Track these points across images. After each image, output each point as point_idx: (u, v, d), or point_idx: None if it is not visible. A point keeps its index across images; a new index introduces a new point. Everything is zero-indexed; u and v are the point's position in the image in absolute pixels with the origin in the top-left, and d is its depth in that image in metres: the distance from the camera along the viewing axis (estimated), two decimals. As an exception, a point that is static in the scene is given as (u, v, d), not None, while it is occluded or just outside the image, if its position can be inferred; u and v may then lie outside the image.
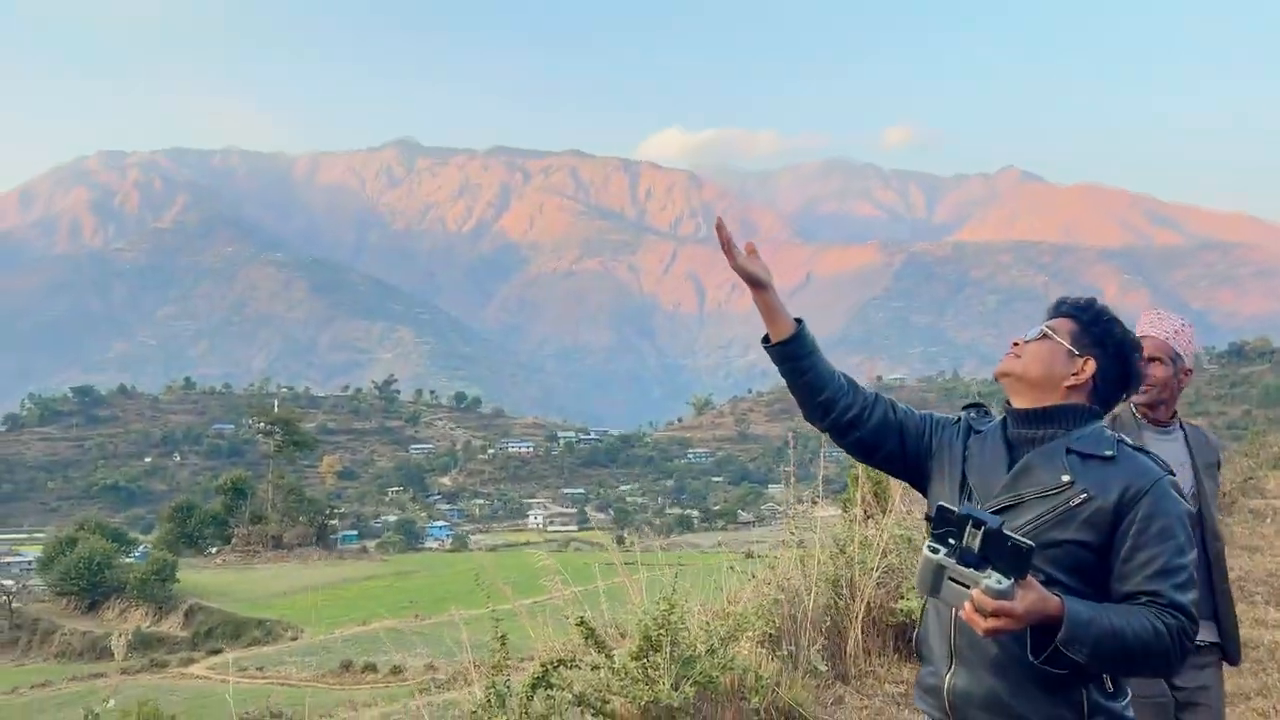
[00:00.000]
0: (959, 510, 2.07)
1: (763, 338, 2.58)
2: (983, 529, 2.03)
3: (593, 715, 4.70)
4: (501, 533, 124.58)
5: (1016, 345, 2.49)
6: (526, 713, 4.45)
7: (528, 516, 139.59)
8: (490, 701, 4.39)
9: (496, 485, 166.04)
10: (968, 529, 2.04)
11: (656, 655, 4.74)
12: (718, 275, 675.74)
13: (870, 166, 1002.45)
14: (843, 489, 11.23)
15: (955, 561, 2.06)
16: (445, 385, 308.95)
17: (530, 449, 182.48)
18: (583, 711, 4.68)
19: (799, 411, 2.65)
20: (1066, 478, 2.27)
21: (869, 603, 6.43)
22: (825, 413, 2.55)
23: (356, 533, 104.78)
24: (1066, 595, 2.12)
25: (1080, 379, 2.40)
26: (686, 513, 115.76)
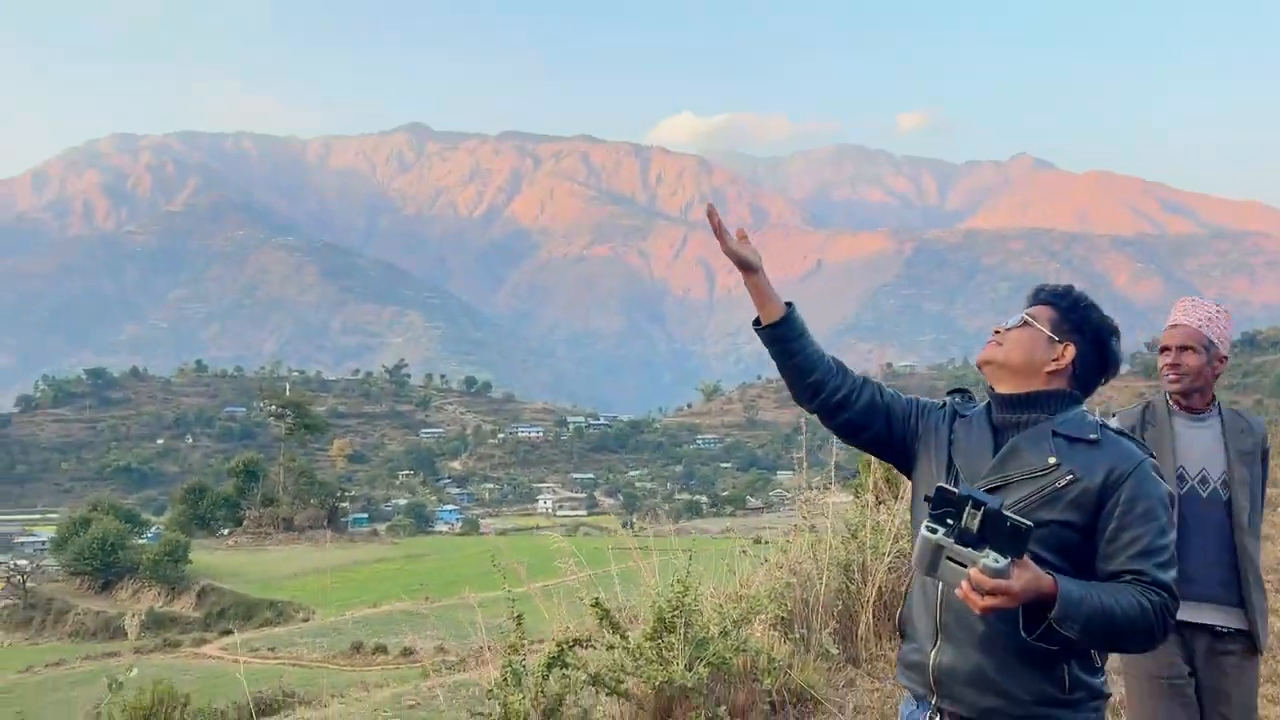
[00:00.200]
0: (959, 491, 2.12)
1: (754, 320, 2.65)
2: (983, 510, 2.08)
3: (607, 694, 4.76)
4: (511, 517, 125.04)
5: (998, 333, 2.57)
6: (542, 692, 4.51)
7: (537, 501, 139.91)
8: (506, 680, 4.45)
9: (506, 470, 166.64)
10: (967, 510, 2.09)
11: (671, 636, 4.80)
12: (728, 261, 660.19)
13: (882, 153, 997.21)
14: (854, 475, 11.29)
15: (954, 541, 2.11)
16: (456, 370, 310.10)
17: (540, 434, 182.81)
18: (597, 691, 4.74)
19: None
20: (1053, 460, 2.33)
21: (880, 587, 6.47)
22: (814, 394, 2.60)
23: (367, 516, 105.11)
24: (1057, 574, 2.19)
25: (1060, 364, 2.46)
26: (695, 498, 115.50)
